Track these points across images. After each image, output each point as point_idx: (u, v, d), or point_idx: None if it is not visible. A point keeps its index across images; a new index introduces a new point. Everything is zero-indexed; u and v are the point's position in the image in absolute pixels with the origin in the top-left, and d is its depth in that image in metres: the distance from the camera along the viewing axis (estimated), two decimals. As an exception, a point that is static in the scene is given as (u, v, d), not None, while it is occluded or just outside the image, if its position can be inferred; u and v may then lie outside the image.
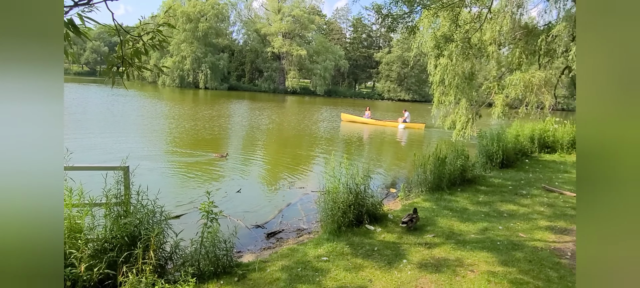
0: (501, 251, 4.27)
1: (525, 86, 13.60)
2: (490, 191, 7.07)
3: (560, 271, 3.79)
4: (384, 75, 54.32)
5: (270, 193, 7.58)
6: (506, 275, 3.68)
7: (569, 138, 13.14)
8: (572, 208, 6.05)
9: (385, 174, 9.94)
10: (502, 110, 14.43)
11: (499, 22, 11.91)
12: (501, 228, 5.06)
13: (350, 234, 4.68)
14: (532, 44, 13.01)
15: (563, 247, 4.47)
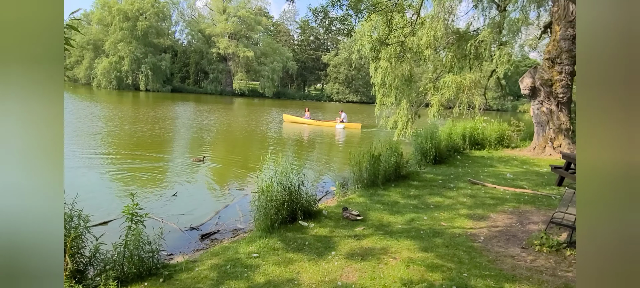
0: (423, 239, 4.60)
1: (457, 87, 14.61)
2: (421, 185, 7.52)
3: (472, 254, 4.17)
4: (332, 78, 55.25)
5: (209, 196, 7.48)
6: (424, 260, 3.98)
7: (496, 135, 14.29)
8: (490, 198, 6.62)
9: (325, 172, 10.18)
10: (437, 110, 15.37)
11: (433, 28, 12.71)
12: (426, 219, 5.44)
13: (284, 231, 4.78)
14: (463, 48, 14.02)
15: (478, 232, 4.91)
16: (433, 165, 9.89)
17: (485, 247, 4.40)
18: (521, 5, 13.35)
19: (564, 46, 12.39)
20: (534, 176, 8.82)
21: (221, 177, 8.85)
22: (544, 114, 12.80)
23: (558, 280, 3.57)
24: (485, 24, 14.32)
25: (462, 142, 13.24)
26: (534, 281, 3.55)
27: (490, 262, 3.97)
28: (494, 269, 3.79)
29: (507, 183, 7.92)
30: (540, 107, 12.85)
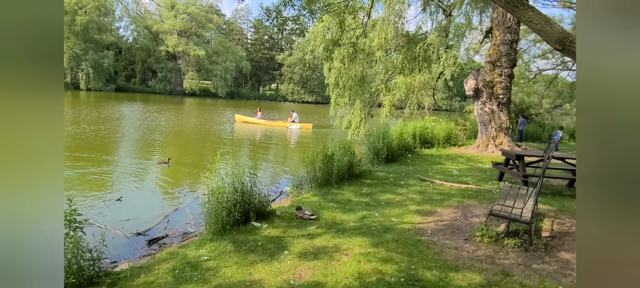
0: (374, 235, 4.72)
1: (408, 88, 15.16)
2: (373, 183, 7.71)
3: (420, 247, 4.35)
4: (287, 78, 55.07)
5: (158, 199, 7.16)
6: (375, 255, 4.08)
7: (444, 134, 14.97)
8: (438, 194, 6.93)
9: (279, 173, 10.13)
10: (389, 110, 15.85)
11: (384, 30, 13.09)
12: (377, 215, 5.58)
13: (236, 233, 4.70)
14: (413, 50, 14.58)
15: (426, 226, 5.13)
16: (385, 164, 10.17)
17: (432, 240, 4.61)
18: (465, 11, 14.12)
19: (503, 50, 13.26)
20: (477, 172, 9.36)
21: (171, 180, 8.51)
22: (486, 113, 13.62)
23: (496, 268, 3.82)
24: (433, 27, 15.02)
25: (412, 141, 13.74)
26: (475, 269, 3.77)
27: (436, 253, 4.16)
28: (439, 260, 3.97)
29: (454, 179, 8.34)
30: (483, 107, 13.66)
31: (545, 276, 3.68)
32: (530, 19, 4.17)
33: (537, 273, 3.74)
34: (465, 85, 13.95)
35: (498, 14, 13.29)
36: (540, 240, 4.55)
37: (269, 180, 8.77)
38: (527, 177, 7.12)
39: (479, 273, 3.68)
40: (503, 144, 13.32)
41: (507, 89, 13.60)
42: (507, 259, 4.04)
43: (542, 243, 4.45)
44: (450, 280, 3.54)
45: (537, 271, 3.78)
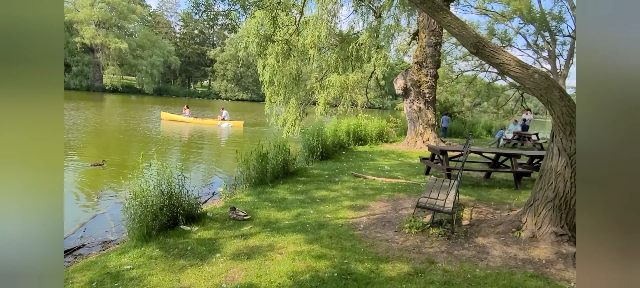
0: (309, 232, 4.74)
1: (342, 87, 15.50)
2: (308, 181, 7.75)
3: (353, 241, 4.46)
4: (220, 74, 53.34)
5: (73, 206, 6.49)
6: (310, 252, 4.10)
7: (376, 131, 15.54)
8: (370, 189, 7.17)
9: (212, 173, 9.78)
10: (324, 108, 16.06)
11: (318, 28, 13.22)
12: (312, 212, 5.62)
13: (163, 237, 4.42)
14: (346, 50, 14.93)
15: (359, 221, 5.27)
16: (320, 161, 10.29)
17: (364, 233, 4.75)
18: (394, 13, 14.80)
19: (428, 52, 14.11)
20: (407, 167, 9.86)
21: (90, 183, 7.77)
22: (414, 111, 14.41)
23: (422, 257, 4.04)
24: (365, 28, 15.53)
25: (346, 138, 14.07)
26: (403, 259, 3.95)
27: (368, 246, 4.30)
28: (371, 253, 4.10)
29: (385, 174, 8.69)
30: (412, 105, 14.43)
31: (464, 261, 3.98)
32: (448, 24, 4.46)
33: (458, 259, 4.03)
34: (395, 85, 14.62)
35: (423, 17, 14.11)
36: (461, 228, 4.91)
37: (201, 181, 8.41)
38: (450, 171, 7.65)
39: (407, 263, 3.87)
40: (429, 140, 14.19)
41: (433, 89, 14.52)
42: (432, 248, 4.30)
43: (462, 231, 4.81)
44: (381, 271, 3.67)
45: (458, 257, 4.08)
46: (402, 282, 3.48)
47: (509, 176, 8.67)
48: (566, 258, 4.04)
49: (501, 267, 3.87)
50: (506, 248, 4.31)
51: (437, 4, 4.46)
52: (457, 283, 3.48)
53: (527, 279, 3.60)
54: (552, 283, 3.55)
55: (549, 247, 4.24)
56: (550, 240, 4.31)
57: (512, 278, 3.60)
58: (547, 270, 3.84)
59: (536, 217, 4.54)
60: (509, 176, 8.62)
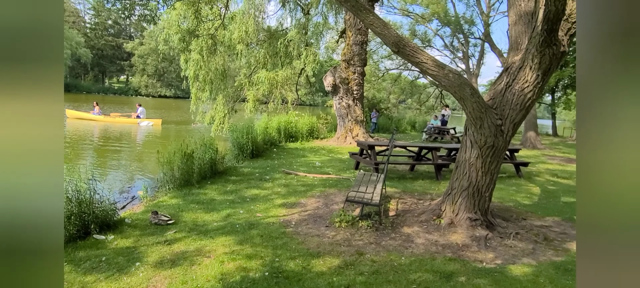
0: (239, 232, 4.59)
1: (271, 83, 15.33)
2: (238, 180, 7.54)
3: (284, 239, 4.41)
4: (140, 69, 49.72)
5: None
6: (240, 252, 3.97)
7: (307, 128, 15.63)
8: (302, 186, 7.19)
9: (131, 176, 9.07)
10: (253, 105, 15.76)
11: (245, 23, 12.89)
12: (242, 212, 5.47)
13: (72, 250, 3.97)
14: (274, 46, 14.78)
15: (290, 218, 5.24)
16: (250, 159, 10.08)
17: (296, 230, 4.73)
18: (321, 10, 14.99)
19: (355, 50, 14.53)
20: (337, 163, 10.07)
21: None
22: (343, 108, 14.76)
23: (352, 249, 4.14)
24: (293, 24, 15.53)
25: (277, 135, 13.97)
26: (334, 253, 4.01)
27: (300, 243, 4.29)
28: (302, 249, 4.10)
29: (316, 170, 8.78)
30: (341, 102, 14.76)
31: (391, 250, 4.15)
32: (371, 23, 4.60)
33: (385, 248, 4.20)
34: (324, 81, 14.85)
35: (350, 16, 14.50)
36: (388, 219, 5.12)
37: (119, 185, 7.74)
38: (378, 165, 7.97)
39: (338, 256, 3.93)
40: (358, 135, 14.67)
41: (361, 86, 15.00)
42: (361, 240, 4.43)
43: (389, 222, 5.02)
44: (312, 267, 3.68)
45: (385, 247, 4.25)
46: (332, 275, 3.52)
47: (430, 168, 9.28)
48: (479, 240, 4.41)
49: (424, 253, 4.11)
50: (428, 236, 4.59)
51: (361, 3, 4.58)
52: (384, 272, 3.61)
53: (446, 263, 3.86)
54: (467, 264, 3.85)
55: (464, 232, 4.60)
56: (466, 226, 4.68)
57: (433, 263, 3.83)
58: (463, 253, 4.16)
59: (453, 204, 4.91)
60: (431, 168, 9.23)
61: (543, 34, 4.00)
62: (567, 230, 5.15)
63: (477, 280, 3.51)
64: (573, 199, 7.07)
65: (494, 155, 4.70)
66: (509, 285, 3.44)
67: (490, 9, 23.46)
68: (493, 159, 4.72)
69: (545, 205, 6.46)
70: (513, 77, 4.59)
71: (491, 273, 3.66)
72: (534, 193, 7.41)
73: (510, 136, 4.68)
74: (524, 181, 8.65)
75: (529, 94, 4.48)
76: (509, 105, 4.57)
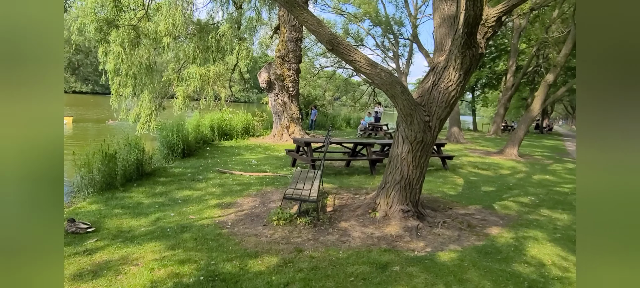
0: (170, 237, 4.33)
1: (203, 79, 14.71)
2: (169, 181, 7.12)
3: (220, 240, 4.25)
4: (52, 63, 44.85)
5: None
6: (172, 258, 3.74)
7: (242, 125, 15.27)
8: (238, 185, 7.00)
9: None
10: (183, 101, 15.00)
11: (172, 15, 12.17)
12: (174, 215, 5.17)
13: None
14: (205, 40, 14.17)
15: (226, 219, 5.07)
16: (182, 159, 9.59)
17: (232, 231, 4.58)
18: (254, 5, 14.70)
19: (290, 47, 14.49)
20: (274, 160, 9.97)
21: None
22: (279, 105, 14.66)
23: (291, 247, 4.12)
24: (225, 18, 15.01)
25: (210, 133, 13.46)
26: (273, 252, 3.95)
27: (236, 244, 4.16)
28: (239, 250, 3.98)
29: (252, 169, 8.61)
30: (276, 99, 14.64)
31: (329, 245, 4.20)
32: (305, 20, 4.60)
33: (323, 244, 4.24)
34: (259, 78, 14.61)
35: (284, 12, 14.42)
36: (325, 215, 5.18)
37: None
38: (314, 161, 8.03)
39: (276, 255, 3.88)
40: (295, 132, 14.67)
41: (296, 83, 15.01)
42: (299, 237, 4.42)
43: (327, 217, 5.08)
44: (250, 268, 3.59)
45: (324, 242, 4.29)
46: (271, 274, 3.46)
47: (366, 163, 9.59)
48: (411, 231, 4.65)
49: (361, 246, 4.22)
50: (364, 229, 4.72)
51: (295, 0, 4.55)
52: (323, 267, 3.64)
53: (382, 254, 4.01)
54: (400, 254, 4.04)
55: (398, 223, 4.81)
56: (399, 217, 4.90)
57: (369, 255, 3.95)
58: (397, 243, 4.35)
59: (387, 198, 5.11)
60: (366, 163, 9.54)
61: (464, 36, 4.31)
62: (487, 217, 5.64)
63: (410, 268, 3.69)
64: (491, 188, 7.77)
65: (423, 149, 4.97)
66: (438, 270, 3.67)
67: (417, 12, 24.86)
68: (422, 153, 4.99)
69: (468, 195, 7.01)
70: (439, 76, 4.88)
71: (422, 261, 3.87)
72: (458, 184, 8.01)
73: (438, 131, 4.99)
74: (450, 173, 9.31)
75: (453, 92, 4.80)
76: (436, 102, 4.86)
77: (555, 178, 9.53)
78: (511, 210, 6.11)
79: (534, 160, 13.40)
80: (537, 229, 5.14)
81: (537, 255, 4.20)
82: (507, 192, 7.46)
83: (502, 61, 27.56)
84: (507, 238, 4.69)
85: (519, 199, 6.90)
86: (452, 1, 5.30)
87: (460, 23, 4.39)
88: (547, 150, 17.76)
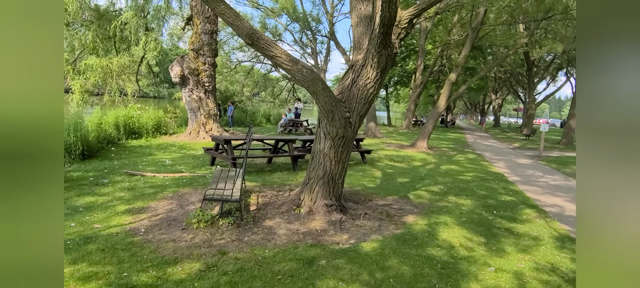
0: (72, 250, 3.82)
1: (105, 72, 13.30)
2: (67, 187, 6.29)
3: (132, 249, 3.87)
4: None
5: None
6: (73, 274, 3.30)
7: (153, 123, 14.18)
8: (150, 187, 6.46)
9: None
10: (81, 96, 13.42)
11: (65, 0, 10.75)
12: (74, 225, 4.57)
13: None
14: (106, 28, 12.81)
15: (138, 225, 4.64)
16: (81, 161, 8.58)
17: (146, 238, 4.21)
18: (164, -6, 13.71)
19: (205, 39, 13.82)
20: (191, 159, 9.43)
21: None
22: (194, 101, 13.91)
23: (214, 250, 3.92)
24: (128, 5, 13.74)
25: (116, 131, 12.27)
26: (193, 257, 3.72)
27: (151, 252, 3.83)
28: (156, 258, 3.67)
29: (167, 169, 8.03)
30: (191, 94, 13.87)
31: (255, 245, 4.10)
32: (222, 12, 4.40)
33: (248, 244, 4.11)
34: (171, 72, 13.71)
35: (197, 2, 13.69)
36: (249, 214, 5.04)
37: None
38: (235, 159, 7.78)
39: (198, 260, 3.66)
40: (213, 130, 14.07)
41: (212, 77, 14.38)
42: (222, 239, 4.23)
43: (250, 217, 4.95)
44: (169, 276, 3.33)
45: (248, 242, 4.16)
46: (193, 281, 3.25)
47: (287, 160, 9.57)
48: (335, 224, 4.75)
49: (287, 243, 4.19)
50: (289, 226, 4.70)
51: (212, -11, 4.32)
52: (249, 268, 3.53)
53: (308, 249, 4.02)
54: (326, 248, 4.10)
55: (322, 218, 4.88)
56: (323, 212, 4.98)
57: (295, 252, 3.94)
58: (322, 237, 4.41)
59: (311, 193, 5.15)
60: (288, 160, 9.52)
61: (380, 36, 4.50)
62: (403, 206, 6.02)
63: (335, 261, 3.76)
64: (406, 179, 8.32)
65: (345, 145, 5.10)
66: (362, 260, 3.80)
67: (333, 10, 25.52)
68: (344, 149, 5.13)
69: (386, 187, 7.41)
70: (358, 74, 5.04)
71: (347, 253, 3.97)
72: (376, 177, 8.43)
73: (358, 127, 5.16)
74: (369, 166, 9.75)
75: (371, 89, 5.00)
76: (355, 99, 5.01)
77: (459, 168, 10.57)
78: (424, 198, 6.61)
79: (441, 152, 14.70)
80: (446, 215, 5.64)
81: (447, 239, 4.60)
82: (420, 182, 8.06)
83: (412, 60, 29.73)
84: (421, 225, 5.06)
85: (430, 188, 7.50)
86: (368, 1, 5.51)
87: (376, 23, 4.57)
88: (451, 142, 19.63)
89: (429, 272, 3.67)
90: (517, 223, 5.42)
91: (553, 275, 3.76)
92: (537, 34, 19.44)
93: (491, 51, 26.04)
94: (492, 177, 9.30)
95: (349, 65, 5.37)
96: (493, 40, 20.87)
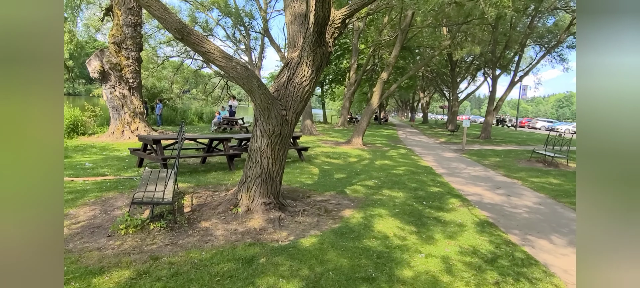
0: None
1: (10, 66, 11.80)
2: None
3: None
4: None
5: None
6: (-23, 296, 2.90)
7: (69, 122, 12.92)
8: (69, 193, 5.89)
9: None
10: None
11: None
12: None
13: None
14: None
15: None
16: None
17: (67, 248, 3.84)
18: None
19: (127, 32, 12.89)
20: (115, 161, 8.75)
21: None
22: (117, 98, 12.91)
23: (145, 256, 3.69)
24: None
25: None
26: (122, 265, 3.47)
27: (73, 263, 3.50)
28: (78, 269, 3.37)
29: (87, 173, 7.38)
30: (113, 91, 12.86)
31: (190, 248, 3.94)
32: (149, 5, 4.16)
33: (183, 247, 3.94)
34: (89, 67, 12.58)
35: (119, -7, 12.72)
36: (183, 216, 4.83)
37: None
38: (166, 160, 7.38)
39: (128, 268, 3.43)
40: (139, 129, 13.19)
41: (137, 73, 13.47)
42: (154, 244, 4.01)
43: (185, 219, 4.74)
44: (95, 287, 3.08)
45: (183, 246, 3.99)
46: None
47: (223, 159, 9.30)
48: (274, 222, 4.74)
49: (225, 244, 4.09)
50: (227, 226, 4.59)
51: (139, -22, 4.05)
52: (184, 272, 3.39)
53: (247, 248, 3.97)
54: (265, 246, 4.08)
55: (260, 216, 4.84)
56: (262, 210, 4.94)
57: (234, 252, 3.87)
58: (261, 236, 4.37)
59: (249, 192, 5.08)
60: (223, 159, 9.26)
61: (314, 35, 4.57)
62: (341, 201, 6.19)
63: (275, 258, 3.76)
64: (342, 175, 8.55)
65: (282, 142, 5.11)
66: (302, 256, 3.85)
67: (267, 6, 25.24)
68: (281, 146, 5.13)
69: (324, 183, 7.55)
70: (293, 72, 5.07)
71: (286, 250, 3.99)
72: (314, 174, 8.54)
73: (294, 125, 5.19)
74: (306, 164, 9.84)
75: (306, 87, 5.05)
76: (291, 96, 5.04)
77: (392, 163, 11.12)
78: (360, 193, 6.86)
79: (375, 148, 15.32)
80: (381, 207, 5.91)
81: (382, 230, 4.83)
82: (356, 177, 8.33)
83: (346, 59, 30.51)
84: (358, 219, 5.24)
85: (366, 183, 7.79)
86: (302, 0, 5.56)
87: (310, 22, 4.63)
88: (384, 138, 20.54)
89: (366, 262, 3.83)
90: (444, 212, 5.85)
91: (474, 257, 4.14)
92: (459, 37, 21.10)
93: (419, 52, 27.71)
94: (421, 170, 9.92)
95: (285, 63, 5.38)
96: (420, 42, 22.23)
